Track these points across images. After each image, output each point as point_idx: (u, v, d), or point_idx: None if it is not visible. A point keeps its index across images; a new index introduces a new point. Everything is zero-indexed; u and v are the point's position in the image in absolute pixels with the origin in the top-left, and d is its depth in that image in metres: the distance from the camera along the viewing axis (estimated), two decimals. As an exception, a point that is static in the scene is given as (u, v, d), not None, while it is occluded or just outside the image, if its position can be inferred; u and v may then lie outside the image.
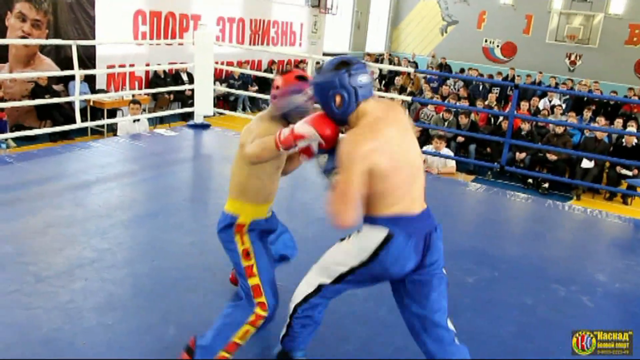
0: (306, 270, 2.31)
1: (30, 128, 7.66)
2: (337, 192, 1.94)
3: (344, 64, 2.01)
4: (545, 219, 5.09)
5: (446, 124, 9.28)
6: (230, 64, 11.57)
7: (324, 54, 14.52)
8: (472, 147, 9.23)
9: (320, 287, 2.18)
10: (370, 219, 2.03)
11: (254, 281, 2.33)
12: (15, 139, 7.36)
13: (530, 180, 8.59)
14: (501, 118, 9.33)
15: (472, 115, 9.61)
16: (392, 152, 1.94)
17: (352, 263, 2.07)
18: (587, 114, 10.79)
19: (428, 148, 7.40)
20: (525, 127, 8.94)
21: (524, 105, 10.58)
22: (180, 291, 2.85)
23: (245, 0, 12.75)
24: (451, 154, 7.50)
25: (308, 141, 2.06)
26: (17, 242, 3.45)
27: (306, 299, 2.22)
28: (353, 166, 1.89)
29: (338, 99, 2.00)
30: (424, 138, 9.33)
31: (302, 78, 2.27)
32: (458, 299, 3.24)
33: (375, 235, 2.00)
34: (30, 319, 2.68)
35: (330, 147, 2.06)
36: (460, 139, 9.21)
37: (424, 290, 2.05)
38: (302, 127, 2.04)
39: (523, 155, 8.81)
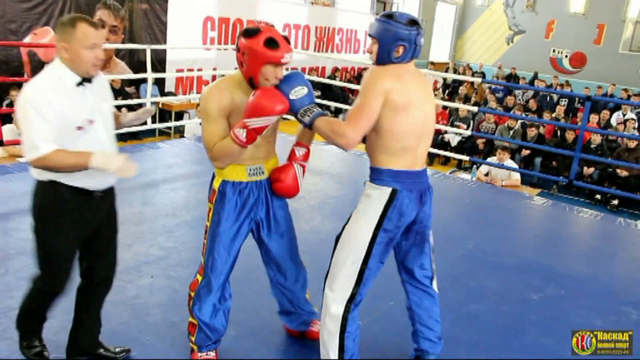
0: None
1: (103, 128, 8.00)
2: (350, 115, 2.12)
3: (414, 22, 2.19)
4: (615, 237, 4.87)
5: (511, 132, 9.03)
6: (294, 69, 11.69)
7: (387, 62, 14.45)
8: (538, 160, 8.94)
9: (361, 272, 2.25)
10: (376, 172, 2.22)
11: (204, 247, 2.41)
12: (89, 138, 7.71)
13: (598, 197, 8.23)
14: (567, 130, 9.00)
15: (540, 128, 9.32)
16: (409, 98, 2.13)
17: (367, 233, 2.21)
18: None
19: (492, 159, 7.23)
20: (596, 140, 8.58)
21: (594, 118, 10.17)
22: (242, 292, 2.90)
23: (311, 7, 12.88)
24: (515, 166, 7.30)
25: (268, 126, 2.10)
26: (90, 236, 3.61)
27: (345, 313, 2.27)
28: (371, 92, 2.10)
29: (401, 49, 2.18)
30: (488, 149, 9.14)
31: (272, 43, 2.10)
32: (524, 315, 3.16)
33: (380, 195, 2.19)
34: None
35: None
36: (525, 152, 8.95)
37: (413, 240, 2.35)
38: (254, 122, 2.06)
39: (591, 170, 8.46)
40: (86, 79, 2.10)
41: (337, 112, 11.89)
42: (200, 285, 2.41)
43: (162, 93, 9.27)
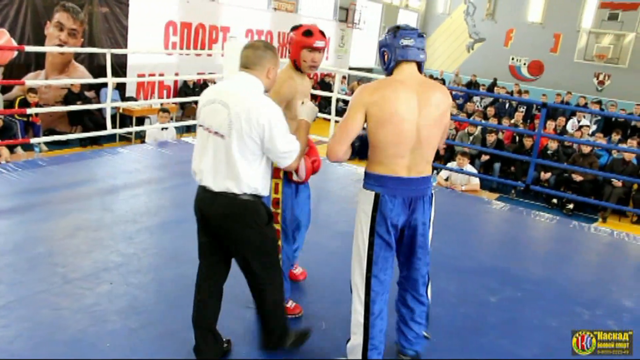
0: (331, 284, 2.32)
1: (62, 133, 7.83)
2: (335, 132, 2.29)
3: (396, 28, 2.30)
4: (570, 240, 5.02)
5: (471, 138, 9.22)
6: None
7: (350, 68, 14.60)
8: (497, 165, 9.16)
9: (368, 280, 2.36)
10: (365, 176, 2.35)
11: (277, 227, 2.73)
12: (47, 143, 7.54)
13: (554, 201, 8.48)
14: (525, 136, 9.25)
15: (499, 134, 9.55)
16: (392, 110, 2.18)
17: (365, 240, 2.32)
18: (615, 136, 10.62)
19: (452, 165, 7.37)
20: (553, 146, 8.85)
21: (550, 124, 10.47)
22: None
23: (273, 13, 12.92)
24: (475, 171, 7.46)
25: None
26: (48, 243, 3.53)
27: (367, 301, 2.37)
28: (351, 110, 2.25)
29: (385, 55, 2.32)
30: (448, 155, 9.32)
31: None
32: (482, 317, 3.23)
33: (367, 199, 2.30)
34: (57, 319, 2.74)
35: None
36: (485, 157, 9.15)
37: (406, 247, 2.43)
38: (302, 170, 2.63)
39: (548, 175, 8.71)
40: None
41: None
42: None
43: (123, 98, 9.13)
